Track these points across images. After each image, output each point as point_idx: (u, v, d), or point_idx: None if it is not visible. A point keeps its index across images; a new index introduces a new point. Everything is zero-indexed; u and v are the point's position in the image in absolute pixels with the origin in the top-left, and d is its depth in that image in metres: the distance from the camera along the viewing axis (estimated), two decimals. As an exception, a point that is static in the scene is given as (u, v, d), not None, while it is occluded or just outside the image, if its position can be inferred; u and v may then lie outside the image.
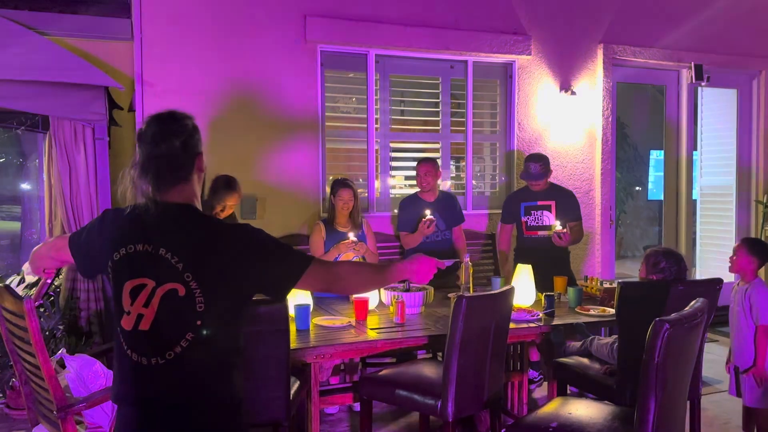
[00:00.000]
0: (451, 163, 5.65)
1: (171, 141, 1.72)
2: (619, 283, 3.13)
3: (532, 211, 4.71)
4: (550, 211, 4.67)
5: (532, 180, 4.67)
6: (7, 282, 4.93)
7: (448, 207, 4.71)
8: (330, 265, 1.89)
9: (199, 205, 1.80)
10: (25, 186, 6.16)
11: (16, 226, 6.33)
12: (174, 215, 1.72)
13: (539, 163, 4.65)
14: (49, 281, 4.51)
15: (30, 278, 4.80)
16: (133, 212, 1.73)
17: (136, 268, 1.69)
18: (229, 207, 4.11)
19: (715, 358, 5.32)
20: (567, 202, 4.71)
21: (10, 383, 4.06)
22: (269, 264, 1.74)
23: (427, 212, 4.41)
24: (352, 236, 4.17)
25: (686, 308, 2.38)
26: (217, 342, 1.69)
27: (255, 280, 1.73)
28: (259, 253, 1.72)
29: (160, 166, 1.71)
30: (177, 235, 1.70)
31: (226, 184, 4.09)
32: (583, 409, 2.71)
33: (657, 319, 2.19)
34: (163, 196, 1.72)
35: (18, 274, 4.99)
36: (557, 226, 4.48)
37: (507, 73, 5.66)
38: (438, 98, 5.49)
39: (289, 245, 1.84)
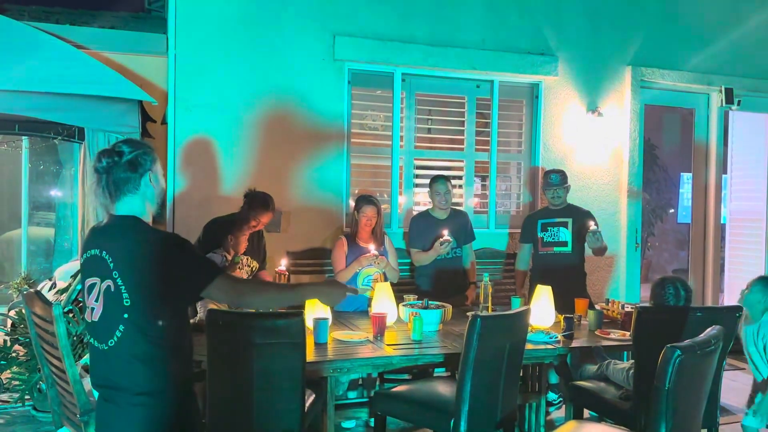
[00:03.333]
0: (476, 181, 5.68)
1: (112, 157, 1.99)
2: (636, 307, 3.12)
3: (549, 228, 4.73)
4: (567, 228, 4.67)
5: (553, 187, 4.70)
6: (39, 287, 5.08)
7: (460, 225, 4.71)
8: (236, 281, 2.06)
9: (148, 216, 2.06)
10: (59, 194, 6.35)
11: (49, 232, 6.51)
12: (118, 224, 2.00)
13: (558, 173, 4.77)
14: (79, 287, 4.65)
15: (61, 284, 4.95)
16: (98, 224, 2.07)
17: (91, 269, 2.00)
18: (262, 223, 4.22)
19: (740, 386, 5.21)
20: (584, 220, 4.71)
21: (38, 386, 4.18)
22: (179, 271, 1.93)
23: (445, 232, 4.42)
24: (372, 249, 4.22)
25: (701, 335, 2.37)
26: (146, 335, 1.93)
27: (167, 284, 1.92)
28: (172, 260, 1.93)
29: (104, 180, 1.99)
30: (116, 241, 1.97)
31: (264, 203, 4.19)
32: (596, 433, 2.70)
33: (668, 345, 2.19)
34: (114, 208, 2.01)
35: (50, 279, 5.15)
36: (593, 225, 4.48)
37: (533, 93, 5.68)
38: (463, 117, 5.53)
39: (207, 258, 2.06)
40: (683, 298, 3.12)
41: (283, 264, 4.19)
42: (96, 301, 1.97)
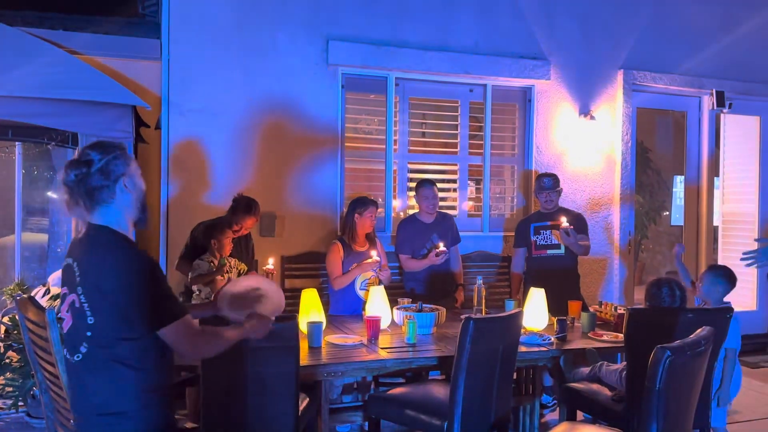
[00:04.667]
0: (470, 184, 5.70)
1: (80, 169, 1.89)
2: (628, 309, 3.14)
3: (541, 231, 4.75)
4: (559, 230, 4.69)
5: (546, 190, 4.73)
6: (33, 292, 5.07)
7: (447, 228, 4.73)
8: (194, 333, 1.94)
9: (127, 224, 1.96)
10: (53, 199, 6.34)
11: (43, 238, 6.50)
12: (91, 236, 1.91)
13: (550, 177, 4.80)
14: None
15: (55, 289, 4.94)
16: (78, 233, 2.00)
17: (64, 278, 1.97)
18: (245, 227, 4.25)
19: (733, 387, 5.23)
20: (575, 221, 4.74)
21: (31, 392, 4.17)
22: (141, 300, 1.84)
23: (441, 244, 4.43)
24: (375, 255, 4.22)
25: (691, 336, 2.39)
26: (110, 356, 1.85)
27: (129, 308, 1.83)
28: (136, 287, 1.83)
29: (75, 193, 1.89)
30: (86, 254, 1.90)
31: (246, 208, 4.23)
32: (589, 435, 2.72)
33: (658, 346, 2.21)
34: (90, 217, 1.91)
35: (43, 285, 5.14)
36: (564, 222, 4.49)
37: (526, 97, 5.71)
38: (457, 121, 5.55)
39: (173, 297, 1.92)
40: (678, 297, 3.19)
41: (271, 263, 4.22)
42: (68, 311, 1.92)
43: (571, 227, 4.48)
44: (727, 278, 3.87)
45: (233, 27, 4.85)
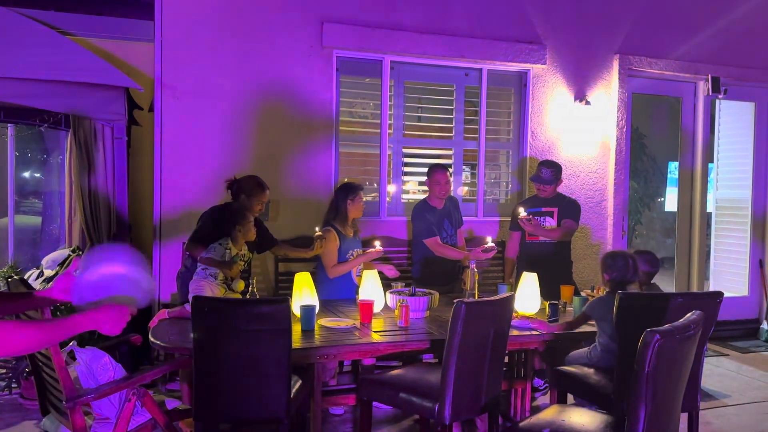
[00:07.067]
0: (464, 169, 5.69)
1: None
2: (618, 293, 3.16)
3: (536, 217, 4.75)
4: (553, 217, 4.71)
5: (542, 184, 4.72)
6: (27, 275, 5.07)
7: (454, 210, 4.76)
8: None
9: None
10: (46, 182, 6.33)
11: (37, 220, 6.49)
12: None
13: (551, 168, 4.74)
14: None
15: (48, 272, 4.94)
16: None
17: None
18: (262, 203, 4.18)
19: (724, 372, 5.30)
20: (569, 208, 4.75)
21: (24, 374, 4.18)
22: None
23: (489, 239, 4.43)
24: (378, 245, 4.21)
25: (680, 320, 2.41)
26: None
27: None
28: None
29: None
30: None
31: (259, 185, 4.16)
32: (578, 417, 2.74)
33: (648, 330, 2.22)
34: None
35: (37, 268, 5.14)
36: (522, 212, 4.53)
37: (522, 81, 5.69)
38: (452, 105, 5.53)
39: None
40: (632, 267, 3.39)
41: (317, 229, 4.19)
42: None
43: (529, 217, 4.51)
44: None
45: (227, 8, 4.81)
